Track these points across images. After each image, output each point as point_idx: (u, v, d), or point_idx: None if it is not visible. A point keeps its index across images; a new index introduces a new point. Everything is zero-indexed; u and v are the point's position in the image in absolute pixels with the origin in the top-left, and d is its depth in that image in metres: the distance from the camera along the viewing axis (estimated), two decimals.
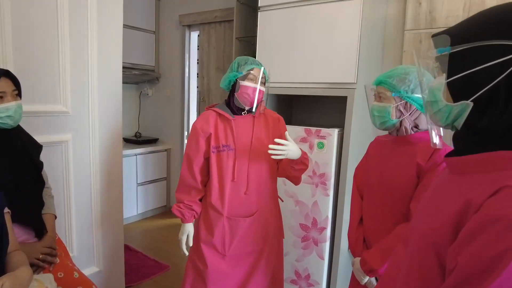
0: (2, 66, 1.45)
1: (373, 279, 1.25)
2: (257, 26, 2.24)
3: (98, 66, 1.86)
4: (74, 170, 1.84)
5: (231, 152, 1.49)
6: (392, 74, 1.14)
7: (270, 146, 1.36)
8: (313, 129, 2.01)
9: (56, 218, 1.49)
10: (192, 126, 1.55)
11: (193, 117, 3.79)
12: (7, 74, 1.26)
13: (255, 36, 2.25)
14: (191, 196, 1.55)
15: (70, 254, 1.62)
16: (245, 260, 1.55)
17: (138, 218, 3.63)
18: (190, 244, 1.55)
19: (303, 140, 2.04)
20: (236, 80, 1.48)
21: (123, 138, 2.51)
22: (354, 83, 1.87)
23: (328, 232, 2.01)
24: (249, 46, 2.89)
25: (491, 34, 0.53)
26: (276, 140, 1.36)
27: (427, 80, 0.72)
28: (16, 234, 1.18)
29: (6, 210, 1.10)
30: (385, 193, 1.22)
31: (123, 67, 2.03)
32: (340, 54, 1.90)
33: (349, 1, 1.85)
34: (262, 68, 1.47)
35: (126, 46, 2.15)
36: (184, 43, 3.63)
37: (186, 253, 1.56)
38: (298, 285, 2.13)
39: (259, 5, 2.18)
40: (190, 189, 1.56)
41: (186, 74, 3.68)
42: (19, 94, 1.31)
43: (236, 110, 1.52)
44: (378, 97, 1.18)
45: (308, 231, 2.08)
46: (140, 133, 3.99)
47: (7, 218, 1.09)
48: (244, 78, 1.46)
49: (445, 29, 0.63)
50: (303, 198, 2.08)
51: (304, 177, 2.04)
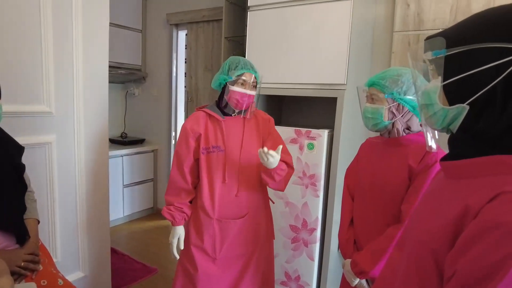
0: None
1: (363, 281, 1.25)
2: (246, 25, 2.23)
3: (83, 65, 1.81)
4: (58, 173, 1.78)
5: (221, 153, 1.47)
6: (384, 76, 1.14)
7: (260, 150, 1.35)
8: (303, 130, 2.01)
9: (39, 222, 1.43)
10: (182, 127, 1.52)
11: (180, 117, 3.74)
12: None
13: (244, 36, 2.24)
14: (181, 198, 1.52)
15: (54, 260, 1.57)
16: (235, 263, 1.53)
17: (124, 221, 3.57)
18: (181, 247, 1.52)
19: (293, 141, 2.04)
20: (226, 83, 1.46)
21: (109, 139, 2.46)
22: (344, 84, 1.88)
23: (318, 233, 2.01)
24: (238, 46, 2.87)
25: (487, 37, 0.53)
26: (270, 151, 1.34)
27: (421, 82, 0.71)
28: None
29: None
30: (376, 194, 1.22)
31: (109, 66, 1.98)
32: (330, 55, 1.90)
33: (339, 2, 1.85)
34: (254, 74, 1.45)
35: (112, 45, 2.10)
36: (171, 42, 3.59)
37: (177, 256, 1.53)
38: (288, 286, 2.13)
39: (249, 4, 2.16)
40: (180, 191, 1.53)
41: (174, 74, 3.63)
42: None
43: (226, 111, 1.50)
44: (371, 98, 1.17)
45: (298, 232, 2.07)
46: (126, 133, 3.92)
47: None
48: (233, 83, 1.44)
49: (439, 31, 0.63)
50: (293, 199, 2.07)
51: (294, 178, 2.04)
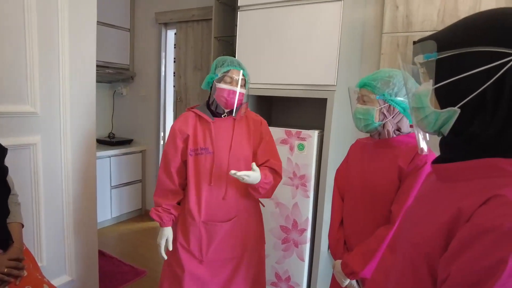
0: None
1: (354, 282, 1.25)
2: (236, 25, 2.21)
3: (70, 64, 1.77)
4: (44, 175, 1.74)
5: (209, 155, 1.45)
6: (376, 77, 1.14)
7: (231, 172, 1.35)
8: (293, 130, 2.01)
9: (23, 226, 1.39)
10: (170, 127, 1.51)
11: (169, 117, 3.70)
12: None
13: (234, 35, 2.23)
14: (169, 199, 1.51)
15: (39, 264, 1.53)
16: (225, 266, 1.52)
17: (112, 222, 3.51)
18: (170, 248, 1.51)
19: (284, 141, 2.03)
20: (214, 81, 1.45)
21: (96, 139, 2.41)
22: (334, 85, 1.88)
23: (308, 233, 2.01)
24: (227, 46, 2.85)
25: (478, 40, 0.53)
26: (243, 173, 1.35)
27: (412, 85, 0.71)
28: None
29: None
30: (366, 195, 1.23)
31: (97, 66, 1.95)
32: (320, 55, 1.91)
33: (329, 3, 1.85)
34: (241, 70, 1.44)
35: (100, 44, 2.06)
36: (160, 42, 3.55)
37: (165, 257, 1.52)
38: (278, 287, 2.12)
39: (239, 4, 2.15)
40: (167, 192, 1.51)
41: (162, 73, 3.60)
42: None
43: (216, 112, 1.49)
44: (362, 99, 1.17)
45: (288, 233, 2.07)
46: (113, 134, 3.86)
47: None
48: (220, 80, 1.43)
49: (430, 34, 0.63)
50: (284, 200, 2.07)
51: (285, 178, 2.04)
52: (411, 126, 1.19)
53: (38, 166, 1.71)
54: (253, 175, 1.37)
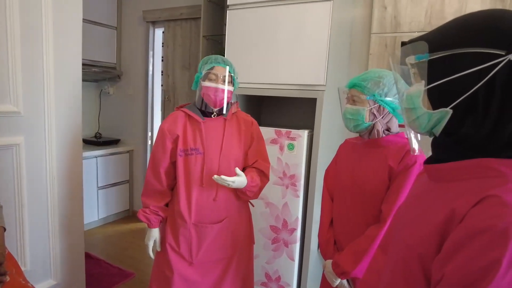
0: None
1: (344, 281, 1.26)
2: (225, 24, 2.20)
3: (54, 63, 1.72)
4: (28, 176, 1.69)
5: (200, 156, 1.43)
6: (366, 78, 1.14)
7: (215, 177, 1.34)
8: (283, 130, 2.00)
9: (5, 230, 1.35)
10: (159, 127, 1.48)
11: (157, 116, 3.66)
12: None
13: (223, 35, 2.21)
14: (157, 200, 1.49)
15: (23, 269, 1.48)
16: (214, 267, 1.50)
17: (99, 224, 3.45)
18: (158, 249, 1.49)
19: (274, 141, 2.03)
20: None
21: (82, 139, 2.36)
22: (324, 85, 1.88)
23: (298, 233, 2.02)
24: (216, 45, 2.83)
25: (470, 42, 0.53)
26: (222, 177, 1.34)
27: (402, 86, 0.71)
28: None
29: None
30: (356, 195, 1.23)
31: (82, 64, 1.91)
32: (309, 55, 1.91)
33: (319, 2, 1.85)
34: (227, 67, 1.42)
35: (86, 42, 2.02)
36: (148, 40, 3.50)
37: (152, 256, 1.51)
38: (268, 287, 2.12)
39: (228, 3, 2.13)
40: (156, 193, 1.49)
41: (150, 72, 3.55)
42: None
43: (206, 112, 1.47)
44: (352, 100, 1.18)
45: (278, 233, 2.07)
46: (100, 133, 3.79)
47: None
48: (205, 78, 1.41)
49: (420, 35, 0.63)
50: (274, 200, 2.06)
51: (275, 178, 2.04)
52: (400, 126, 1.20)
53: (21, 167, 1.66)
54: (238, 180, 1.37)
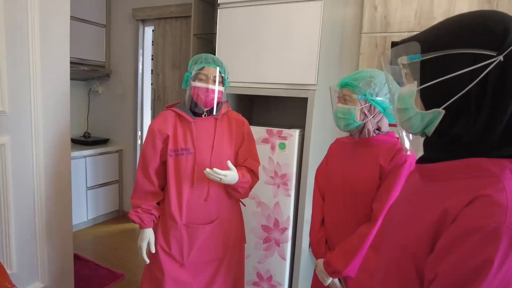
0: None
1: (336, 280, 1.26)
2: (215, 23, 2.18)
3: (41, 61, 1.68)
4: (13, 177, 1.65)
5: (190, 156, 1.42)
6: (357, 77, 1.15)
7: (207, 170, 1.33)
8: (274, 129, 2.00)
9: None
10: (149, 127, 1.46)
11: (146, 116, 3.62)
12: None
13: (214, 33, 2.19)
14: (148, 200, 1.46)
15: (9, 272, 1.45)
16: (206, 268, 1.49)
17: (88, 224, 3.40)
18: (152, 250, 1.46)
19: (265, 141, 2.02)
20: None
21: (71, 139, 2.32)
22: (315, 85, 1.89)
23: (289, 232, 2.02)
24: (207, 44, 2.81)
25: (462, 42, 0.53)
26: (215, 170, 1.32)
27: (394, 86, 0.71)
28: None
29: None
30: (347, 194, 1.23)
31: (71, 62, 1.87)
32: (300, 55, 1.91)
33: (310, 2, 1.85)
34: (218, 67, 1.40)
35: (74, 40, 1.99)
36: (137, 38, 3.45)
37: (147, 260, 1.47)
38: (260, 287, 2.12)
39: (219, 2, 2.12)
40: (146, 194, 1.47)
41: (140, 71, 3.51)
42: None
43: (196, 111, 1.46)
44: (343, 99, 1.18)
45: (270, 232, 2.07)
46: (89, 133, 3.74)
47: None
48: (195, 78, 1.40)
49: (412, 35, 0.63)
50: (265, 199, 2.06)
51: (266, 178, 2.03)
52: (391, 125, 1.21)
53: (7, 168, 1.62)
54: (230, 175, 1.35)
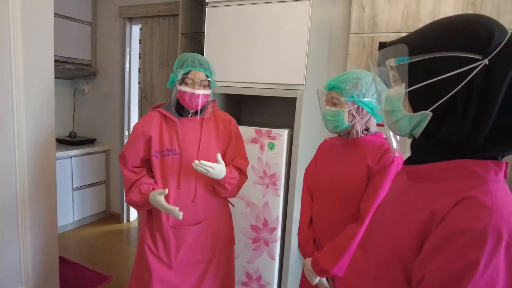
0: None
1: (324, 279, 1.27)
2: (204, 22, 2.16)
3: (24, 59, 1.64)
4: None
5: (176, 157, 1.40)
6: (344, 79, 1.15)
7: (195, 162, 1.30)
8: (263, 129, 2.00)
9: None
10: (133, 127, 1.44)
11: (134, 115, 3.57)
12: None
13: (202, 32, 2.18)
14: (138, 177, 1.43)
15: None
16: (194, 269, 1.48)
17: (74, 226, 3.34)
18: (165, 193, 1.31)
19: (254, 140, 2.02)
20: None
21: (56, 139, 2.26)
22: (303, 85, 1.89)
23: (278, 231, 2.02)
24: (195, 43, 2.79)
25: (449, 46, 0.54)
26: (202, 162, 1.31)
27: (383, 88, 0.72)
28: None
29: None
30: (335, 194, 1.24)
31: (55, 61, 1.83)
32: (289, 55, 1.91)
33: (298, 2, 1.86)
34: (203, 71, 1.37)
35: (59, 38, 1.95)
36: (124, 37, 3.40)
37: (181, 215, 1.31)
38: (249, 287, 2.12)
39: (207, 0, 2.10)
40: (135, 180, 1.43)
41: (127, 70, 3.45)
42: None
43: (182, 111, 1.44)
44: (331, 102, 1.18)
45: (259, 232, 2.06)
46: (75, 133, 3.67)
47: None
48: (181, 81, 1.38)
49: (400, 37, 0.63)
50: (254, 199, 2.06)
51: (255, 178, 2.03)
52: (378, 125, 1.22)
53: None
54: (218, 168, 1.33)
